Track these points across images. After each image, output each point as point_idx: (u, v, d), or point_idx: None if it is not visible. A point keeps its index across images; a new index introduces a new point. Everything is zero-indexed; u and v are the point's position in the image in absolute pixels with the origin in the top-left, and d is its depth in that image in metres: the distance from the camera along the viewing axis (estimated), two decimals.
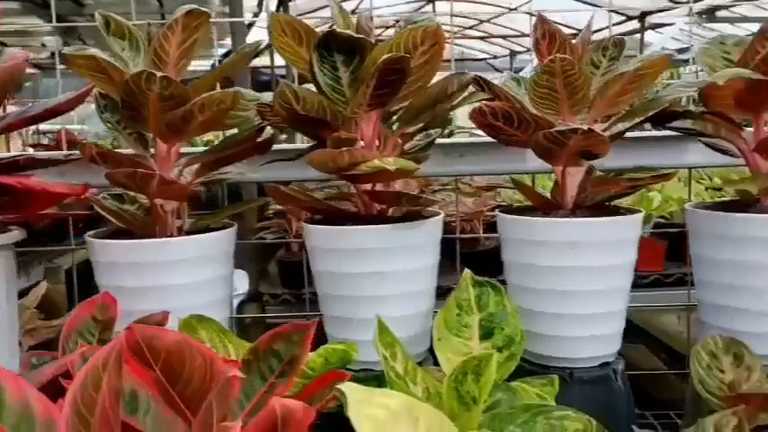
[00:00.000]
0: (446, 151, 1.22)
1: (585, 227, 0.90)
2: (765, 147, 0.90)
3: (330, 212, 0.97)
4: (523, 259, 0.94)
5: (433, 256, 0.96)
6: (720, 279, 0.95)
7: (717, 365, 0.84)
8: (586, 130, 0.84)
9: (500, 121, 0.91)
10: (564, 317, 0.92)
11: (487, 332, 0.87)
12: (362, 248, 0.91)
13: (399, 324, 0.86)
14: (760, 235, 0.90)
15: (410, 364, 0.72)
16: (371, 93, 0.88)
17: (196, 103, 0.84)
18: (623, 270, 0.93)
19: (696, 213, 0.99)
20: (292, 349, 0.70)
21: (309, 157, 0.86)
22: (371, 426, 0.45)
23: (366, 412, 0.46)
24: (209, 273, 0.94)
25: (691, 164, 1.23)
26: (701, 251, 0.98)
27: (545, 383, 0.80)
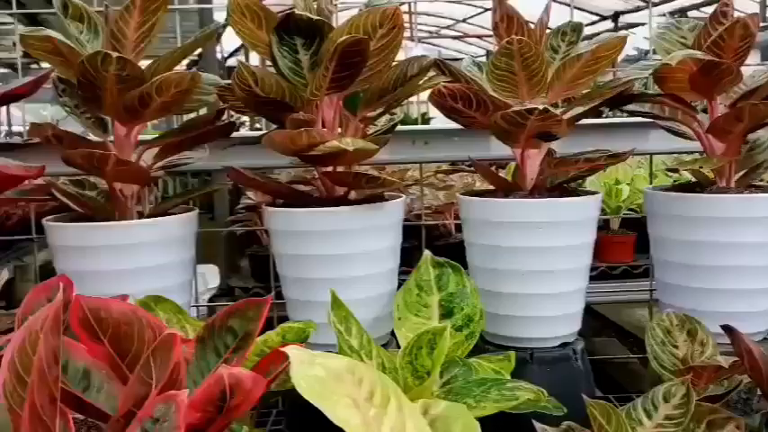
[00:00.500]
0: (412, 138, 1.23)
1: (544, 207, 0.91)
2: (718, 128, 0.92)
3: (292, 196, 0.97)
4: (484, 240, 0.95)
5: (394, 237, 0.96)
6: (676, 259, 0.96)
7: (671, 341, 0.85)
8: (542, 110, 0.84)
9: (459, 103, 0.92)
10: (524, 297, 0.93)
11: (447, 312, 0.87)
12: (323, 230, 0.91)
13: (361, 306, 0.86)
14: (713, 215, 0.92)
15: (365, 338, 0.73)
16: (331, 75, 0.88)
17: (153, 83, 0.84)
18: (582, 250, 0.94)
19: (654, 195, 1.00)
20: (247, 325, 0.70)
21: (268, 138, 0.86)
22: (311, 385, 0.45)
23: (307, 372, 0.46)
24: (168, 257, 0.93)
25: (652, 150, 1.25)
26: (659, 232, 0.99)
27: (502, 359, 0.81)
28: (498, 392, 0.67)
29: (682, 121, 1.00)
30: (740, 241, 0.91)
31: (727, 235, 0.91)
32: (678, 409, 0.68)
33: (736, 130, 0.91)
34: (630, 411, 0.69)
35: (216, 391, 0.56)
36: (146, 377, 0.49)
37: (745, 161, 1.00)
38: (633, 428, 0.68)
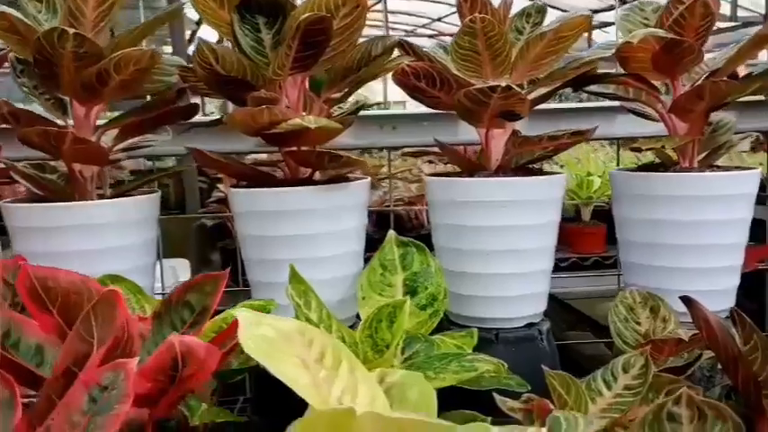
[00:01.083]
0: (380, 123, 1.23)
1: (508, 186, 0.91)
2: (680, 107, 0.92)
3: (256, 178, 0.96)
4: (449, 220, 0.95)
5: (359, 218, 0.95)
6: (640, 238, 0.97)
7: (634, 318, 0.86)
8: (505, 87, 0.84)
9: (422, 82, 0.91)
10: (489, 277, 0.93)
11: (411, 291, 0.87)
12: (286, 210, 0.90)
13: (326, 288, 0.86)
14: (675, 193, 0.93)
15: (325, 312, 0.72)
16: (294, 54, 0.87)
17: (111, 60, 0.83)
18: (547, 230, 0.94)
19: (619, 175, 1.00)
20: (204, 299, 0.69)
21: (229, 117, 0.85)
22: (258, 344, 0.44)
23: (254, 332, 0.45)
24: (128, 239, 0.92)
25: (618, 134, 1.25)
26: (623, 212, 0.99)
27: (464, 336, 0.80)
28: (458, 364, 0.67)
29: (645, 103, 1.01)
30: (702, 219, 0.92)
31: (689, 213, 0.92)
32: (637, 379, 0.68)
33: (697, 109, 0.92)
34: (590, 382, 0.69)
35: (167, 358, 0.55)
36: (85, 334, 0.47)
37: (707, 142, 1.01)
38: (593, 399, 0.67)
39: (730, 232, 0.93)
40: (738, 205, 0.93)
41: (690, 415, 0.52)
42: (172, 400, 0.61)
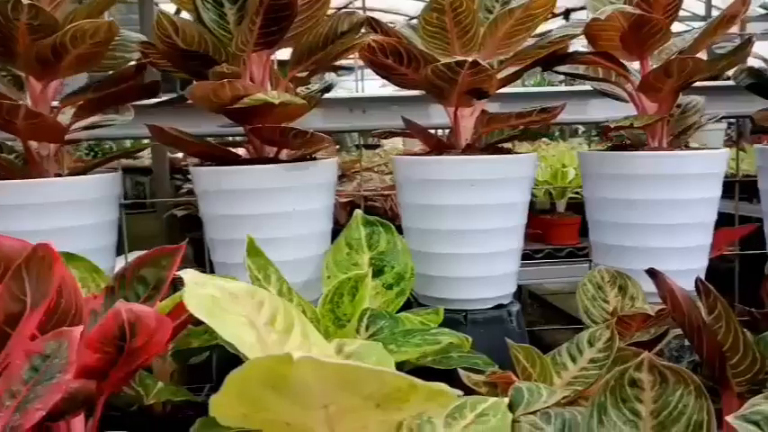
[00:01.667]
0: (350, 106, 1.21)
1: (477, 164, 0.90)
2: (649, 84, 0.92)
3: (221, 157, 0.93)
4: (418, 200, 0.93)
5: (326, 198, 0.94)
6: (610, 218, 0.96)
7: (602, 297, 0.85)
8: (472, 62, 0.83)
9: (390, 59, 0.90)
10: (457, 257, 0.92)
11: (378, 270, 0.85)
12: (251, 189, 0.88)
13: (292, 268, 0.84)
14: (646, 172, 0.92)
15: (285, 286, 0.70)
16: (258, 30, 0.85)
17: (67, 32, 0.80)
18: (516, 209, 0.93)
19: (589, 155, 1.00)
20: (160, 273, 0.67)
21: (190, 90, 0.83)
22: (202, 303, 0.42)
23: (199, 292, 0.43)
24: (87, 218, 0.89)
25: (589, 119, 1.25)
26: (593, 192, 0.98)
27: (430, 313, 0.79)
28: (421, 338, 0.65)
29: (615, 83, 1.00)
30: (672, 198, 0.91)
31: (659, 192, 0.91)
32: (602, 352, 0.67)
33: (666, 87, 0.91)
34: (556, 356, 0.68)
35: (113, 327, 0.52)
36: (17, 291, 0.45)
37: (676, 123, 1.00)
38: (558, 372, 0.66)
39: (699, 211, 0.93)
40: (708, 184, 0.92)
41: (651, 380, 0.51)
42: (123, 375, 0.58)
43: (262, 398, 0.34)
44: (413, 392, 0.35)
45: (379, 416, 0.37)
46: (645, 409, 0.51)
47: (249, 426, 0.39)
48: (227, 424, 0.39)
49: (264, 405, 0.34)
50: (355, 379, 0.33)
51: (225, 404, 0.35)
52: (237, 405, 0.35)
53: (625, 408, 0.51)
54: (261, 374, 0.32)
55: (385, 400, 0.36)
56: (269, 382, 0.33)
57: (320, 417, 0.36)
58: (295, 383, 0.32)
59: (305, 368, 0.32)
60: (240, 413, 0.36)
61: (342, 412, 0.36)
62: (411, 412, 0.38)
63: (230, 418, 0.37)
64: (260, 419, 0.38)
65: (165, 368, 0.81)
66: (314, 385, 0.33)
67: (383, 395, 0.35)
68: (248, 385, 0.33)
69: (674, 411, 0.49)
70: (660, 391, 0.51)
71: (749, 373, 0.61)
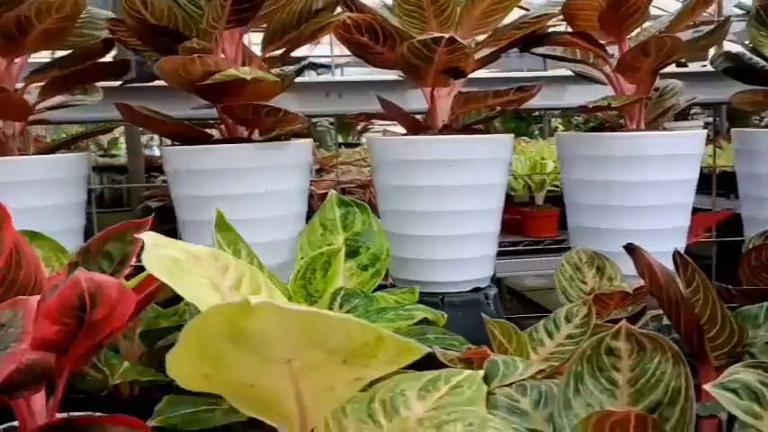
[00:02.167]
0: (327, 91, 1.19)
1: (453, 144, 0.88)
2: (627, 65, 0.91)
3: (194, 137, 0.91)
4: (394, 181, 0.92)
5: (300, 180, 0.92)
6: (587, 200, 0.95)
7: (579, 277, 0.84)
8: (449, 39, 0.82)
9: (365, 36, 0.88)
10: (434, 239, 0.90)
11: (353, 251, 0.83)
12: (223, 169, 0.86)
13: (266, 250, 0.82)
14: (625, 154, 0.91)
15: (256, 261, 0.68)
16: (231, 7, 0.83)
17: (32, 5, 0.78)
18: (493, 191, 0.92)
19: (566, 138, 0.99)
20: (125, 248, 0.65)
21: (159, 66, 0.80)
22: (163, 263, 0.40)
23: (161, 253, 0.42)
24: (52, 199, 0.86)
25: (567, 104, 1.24)
26: (571, 175, 0.98)
27: (405, 292, 0.77)
28: (395, 313, 0.63)
29: (593, 65, 0.99)
30: (650, 180, 0.91)
31: (637, 174, 0.91)
32: (579, 328, 0.66)
33: (644, 67, 0.90)
34: (533, 333, 0.67)
35: (72, 296, 0.50)
36: None
37: (654, 106, 1.00)
38: (534, 348, 0.65)
39: (678, 192, 0.92)
40: (685, 165, 0.92)
41: (629, 348, 0.50)
42: (84, 350, 0.56)
43: (221, 352, 0.32)
44: (381, 346, 0.33)
45: (347, 374, 0.35)
46: (622, 377, 0.49)
47: (212, 389, 0.38)
48: (189, 386, 0.37)
49: (225, 360, 0.33)
50: (319, 330, 0.31)
51: (183, 361, 0.33)
52: (197, 361, 0.33)
53: (602, 377, 0.50)
54: (219, 325, 0.30)
55: (352, 356, 0.34)
56: (228, 333, 0.31)
57: (284, 373, 0.34)
58: (255, 334, 0.31)
59: (265, 316, 0.30)
60: (200, 373, 0.35)
61: (306, 369, 0.34)
62: (379, 370, 0.36)
63: (190, 378, 0.36)
64: (222, 381, 0.36)
65: (133, 350, 0.78)
66: (275, 336, 0.31)
67: (349, 350, 0.33)
68: (206, 337, 0.31)
69: (651, 379, 0.48)
70: (637, 359, 0.49)
71: (727, 346, 0.60)
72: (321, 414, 0.41)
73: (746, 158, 1.01)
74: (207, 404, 0.61)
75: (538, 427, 0.51)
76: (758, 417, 0.47)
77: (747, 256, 0.80)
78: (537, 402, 0.53)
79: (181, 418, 0.58)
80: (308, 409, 0.38)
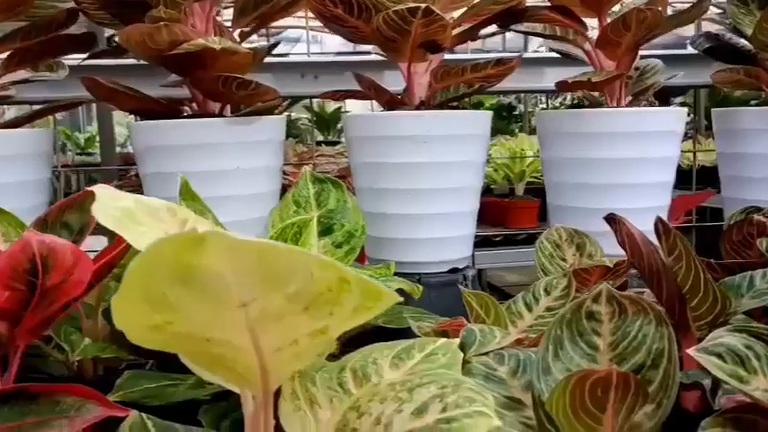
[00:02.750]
0: (302, 71, 1.17)
1: (431, 120, 0.86)
2: (607, 39, 0.89)
3: (162, 112, 0.88)
4: (369, 158, 0.89)
5: (273, 157, 0.89)
6: (566, 179, 0.93)
7: (559, 255, 0.82)
8: (425, 9, 0.79)
9: (339, 8, 0.86)
10: (411, 218, 0.88)
11: (327, 229, 0.81)
12: (193, 144, 0.83)
13: (237, 229, 0.78)
14: (605, 130, 0.89)
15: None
16: None
17: None
18: (471, 168, 0.89)
19: (546, 115, 0.97)
20: (85, 218, 0.62)
21: (124, 34, 0.77)
22: (114, 214, 0.38)
23: (114, 205, 0.39)
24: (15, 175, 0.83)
25: (546, 87, 1.22)
26: (550, 153, 0.96)
27: (380, 268, 0.75)
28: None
29: (573, 42, 0.97)
30: (631, 157, 0.89)
31: (617, 151, 0.89)
32: (559, 300, 0.64)
33: (624, 42, 0.88)
34: (511, 305, 0.65)
35: (23, 260, 0.47)
36: None
37: (635, 85, 0.98)
38: (513, 321, 0.63)
39: (659, 170, 0.91)
40: (666, 143, 0.90)
41: (610, 312, 0.48)
42: (39, 320, 0.53)
43: (170, 296, 0.30)
44: (344, 290, 0.31)
45: (309, 323, 0.33)
46: (603, 342, 0.47)
47: (166, 345, 0.35)
48: (140, 340, 0.34)
49: (174, 306, 0.30)
50: (278, 267, 0.28)
51: (128, 307, 0.30)
52: (144, 308, 0.30)
53: (582, 341, 0.47)
54: (166, 262, 0.28)
55: (314, 302, 0.31)
56: (176, 272, 0.28)
57: (240, 322, 0.31)
58: (206, 272, 0.28)
59: (216, 250, 0.27)
60: (149, 323, 0.32)
61: (265, 318, 0.32)
62: (345, 321, 0.34)
63: (139, 330, 0.33)
64: (174, 334, 0.33)
65: (96, 330, 0.75)
66: (229, 274, 0.28)
67: (311, 295, 0.31)
68: (152, 277, 0.29)
69: (633, 342, 0.46)
70: (619, 322, 0.47)
71: (709, 316, 0.58)
72: (284, 374, 0.38)
73: (727, 138, 1.00)
74: (170, 379, 0.58)
75: (515, 395, 0.49)
76: (744, 381, 0.45)
77: (729, 233, 0.79)
78: (515, 371, 0.51)
79: (142, 393, 0.55)
80: (271, 367, 0.36)
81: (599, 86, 0.91)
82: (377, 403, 0.42)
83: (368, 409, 0.42)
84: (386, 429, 0.40)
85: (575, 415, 0.41)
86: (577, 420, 0.41)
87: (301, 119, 4.92)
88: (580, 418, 0.41)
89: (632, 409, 0.41)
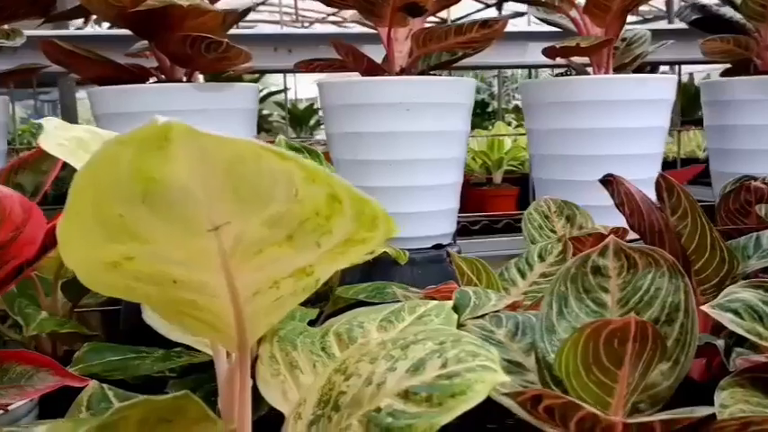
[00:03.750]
0: (275, 44, 1.12)
1: (411, 86, 0.82)
2: (594, 4, 0.86)
3: (124, 77, 0.82)
4: (347, 128, 0.85)
5: (246, 126, 0.84)
6: (552, 151, 0.90)
7: (549, 226, 0.78)
8: None
9: None
10: (392, 190, 0.83)
11: None
12: (159, 111, 0.77)
13: None
14: (592, 98, 0.86)
15: None
16: None
17: None
18: (454, 138, 0.85)
19: (530, 85, 0.93)
20: (39, 179, 0.57)
21: None
22: (65, 145, 0.33)
23: (65, 135, 0.34)
24: None
25: (530, 62, 1.19)
26: (535, 124, 0.92)
27: None
28: None
29: (560, 9, 0.94)
30: (619, 126, 0.86)
31: (605, 120, 0.85)
32: (554, 266, 0.60)
33: (613, 5, 0.85)
34: (503, 272, 0.61)
35: None
36: None
37: (622, 54, 0.95)
38: (506, 289, 0.59)
39: (649, 141, 0.87)
40: (657, 112, 0.87)
41: (618, 266, 0.44)
42: None
43: (129, 219, 0.25)
44: (335, 212, 0.26)
45: (292, 259, 0.28)
46: (611, 298, 0.43)
47: (126, 291, 0.30)
48: (94, 283, 0.29)
49: (134, 232, 0.25)
50: (254, 180, 0.24)
51: (78, 235, 0.26)
52: (97, 236, 0.25)
53: (588, 298, 0.43)
54: (123, 172, 0.23)
55: (299, 230, 0.27)
56: (136, 187, 0.24)
57: (213, 254, 0.27)
58: (173, 186, 0.23)
59: (185, 154, 0.23)
60: (105, 259, 0.27)
61: (242, 250, 0.27)
62: (333, 257, 0.29)
63: (93, 269, 0.28)
64: (136, 272, 0.28)
65: (56, 307, 0.70)
66: (198, 189, 0.24)
67: (296, 219, 0.26)
68: (106, 192, 0.24)
69: (645, 296, 0.42)
70: (628, 276, 0.44)
71: (716, 278, 0.54)
72: (262, 325, 0.33)
73: (714, 110, 0.97)
74: (136, 352, 0.53)
75: (516, 358, 0.45)
76: (763, 337, 0.42)
77: (724, 201, 0.76)
78: (514, 333, 0.47)
79: (104, 366, 0.50)
80: (247, 315, 0.31)
81: (588, 51, 0.88)
82: (366, 363, 0.37)
83: (356, 371, 0.37)
84: (378, 389, 0.35)
85: (587, 372, 0.37)
86: (589, 378, 0.37)
87: (272, 115, 4.86)
88: (593, 375, 0.37)
89: (650, 365, 0.37)
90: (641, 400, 0.39)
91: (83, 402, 0.40)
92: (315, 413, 0.37)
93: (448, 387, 0.33)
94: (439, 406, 0.32)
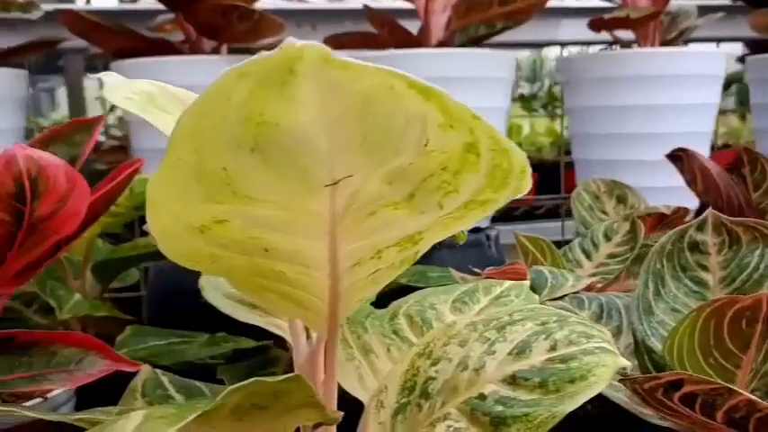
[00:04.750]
0: (298, 20, 1.07)
1: (451, 59, 0.78)
2: None
3: (149, 48, 0.78)
4: None
5: None
6: (597, 129, 0.86)
7: (599, 207, 0.74)
8: None
9: None
10: None
11: None
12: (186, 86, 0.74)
13: None
14: (641, 73, 0.82)
15: None
16: None
17: None
18: (497, 115, 0.81)
19: (572, 60, 0.89)
20: (73, 151, 0.53)
21: None
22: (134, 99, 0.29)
23: (131, 88, 0.30)
24: None
25: (562, 39, 1.15)
26: (576, 101, 0.88)
27: None
28: None
29: None
30: (669, 103, 0.82)
31: (654, 96, 0.82)
32: (622, 246, 0.56)
33: None
34: (567, 253, 0.57)
35: (7, 180, 0.38)
36: None
37: (668, 28, 0.91)
38: (571, 270, 0.55)
39: (699, 118, 0.84)
40: (707, 88, 0.83)
41: (719, 242, 0.40)
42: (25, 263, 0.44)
43: (234, 172, 0.21)
44: (468, 164, 0.22)
45: (405, 223, 0.25)
46: (712, 277, 0.40)
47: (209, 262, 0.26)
48: (177, 253, 0.25)
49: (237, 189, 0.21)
50: (384, 124, 0.20)
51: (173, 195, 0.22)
52: (194, 194, 0.22)
53: (686, 277, 0.40)
54: (233, 116, 0.19)
55: (422, 188, 0.23)
56: (248, 135, 0.20)
57: (321, 215, 0.23)
58: (294, 131, 0.20)
59: (309, 89, 0.19)
60: (196, 223, 0.23)
61: (354, 211, 0.23)
62: (447, 224, 0.26)
63: (180, 235, 0.24)
64: (223, 242, 0.24)
65: (84, 291, 0.66)
66: (321, 135, 0.20)
67: (421, 174, 0.22)
68: (213, 139, 0.20)
69: (754, 274, 0.38)
70: (730, 254, 0.40)
71: None
72: (355, 303, 0.30)
73: (763, 88, 0.93)
74: (180, 336, 0.49)
75: None
76: None
77: None
78: (599, 315, 0.43)
79: (148, 351, 0.47)
80: (343, 289, 0.27)
81: (637, 23, 0.83)
82: (455, 346, 0.34)
83: (444, 354, 0.34)
84: (477, 375, 0.31)
85: (705, 356, 0.33)
86: (707, 362, 0.33)
87: None
88: (712, 359, 0.33)
89: None
90: (757, 388, 0.35)
91: (137, 389, 0.37)
92: (399, 401, 0.34)
93: (565, 372, 0.29)
94: (556, 393, 0.29)
